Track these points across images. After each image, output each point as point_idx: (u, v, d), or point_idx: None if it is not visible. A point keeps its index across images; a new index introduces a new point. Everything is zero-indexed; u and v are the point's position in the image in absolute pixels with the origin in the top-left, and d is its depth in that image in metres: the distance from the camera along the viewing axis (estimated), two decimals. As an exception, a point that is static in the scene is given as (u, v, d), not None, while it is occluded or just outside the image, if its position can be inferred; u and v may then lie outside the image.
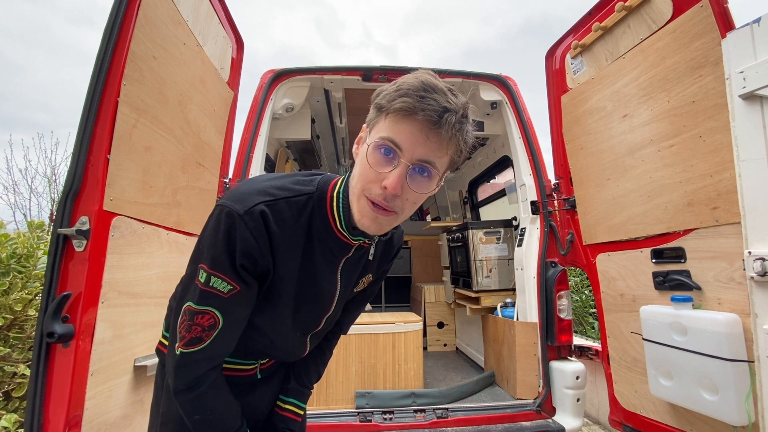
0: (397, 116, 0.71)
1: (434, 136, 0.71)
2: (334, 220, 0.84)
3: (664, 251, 1.73)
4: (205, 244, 0.78)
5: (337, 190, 0.85)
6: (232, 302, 0.79)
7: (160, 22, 1.48)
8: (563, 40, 2.27)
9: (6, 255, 2.03)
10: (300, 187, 0.84)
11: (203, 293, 0.77)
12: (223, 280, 0.76)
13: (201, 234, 0.81)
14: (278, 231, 0.78)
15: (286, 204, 0.80)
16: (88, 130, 1.23)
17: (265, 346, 0.97)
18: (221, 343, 0.81)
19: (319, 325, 1.00)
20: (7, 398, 1.96)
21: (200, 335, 0.78)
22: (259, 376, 1.03)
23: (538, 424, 2.05)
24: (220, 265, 0.76)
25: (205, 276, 0.77)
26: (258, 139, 2.32)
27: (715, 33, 1.46)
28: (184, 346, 0.78)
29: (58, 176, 7.55)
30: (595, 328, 4.70)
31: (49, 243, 1.21)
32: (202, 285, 0.77)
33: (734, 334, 1.40)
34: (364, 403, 2.17)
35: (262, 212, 0.76)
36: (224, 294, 0.77)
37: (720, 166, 1.48)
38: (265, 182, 0.83)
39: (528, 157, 2.46)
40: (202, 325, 0.78)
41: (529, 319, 2.30)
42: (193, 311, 0.78)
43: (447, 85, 0.73)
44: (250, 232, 0.75)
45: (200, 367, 0.81)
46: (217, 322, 0.79)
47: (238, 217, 0.74)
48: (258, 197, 0.77)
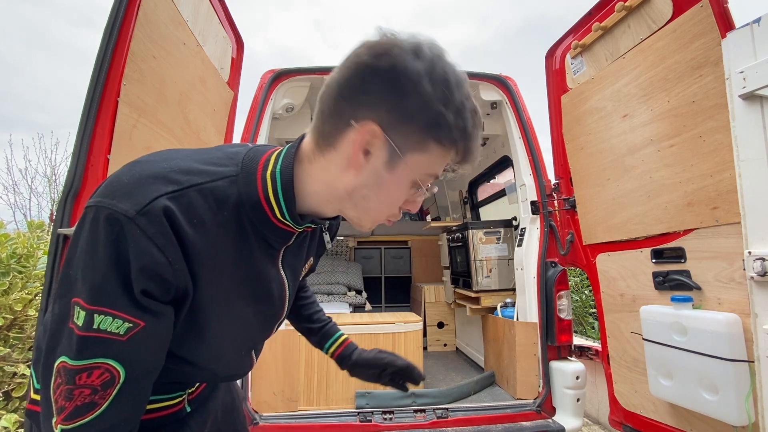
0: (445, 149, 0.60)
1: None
2: (270, 208, 0.63)
3: (664, 251, 1.73)
4: (77, 267, 0.52)
5: (271, 169, 0.63)
6: (135, 345, 0.53)
7: (160, 22, 1.48)
8: (563, 40, 2.27)
9: (6, 255, 2.03)
10: (215, 167, 0.60)
11: (84, 341, 0.51)
12: (115, 318, 0.51)
13: (69, 252, 0.54)
14: (193, 233, 0.56)
15: (198, 193, 0.57)
16: (88, 130, 1.23)
17: (198, 374, 0.74)
18: (128, 402, 0.55)
19: (272, 333, 0.82)
20: (7, 398, 1.96)
21: (91, 399, 0.52)
22: (189, 409, 0.78)
23: (538, 424, 2.05)
24: (105, 296, 0.51)
25: (84, 316, 0.51)
26: (258, 139, 2.32)
27: (715, 33, 1.46)
28: (64, 421, 0.52)
29: (58, 176, 7.55)
30: (595, 328, 4.70)
31: (49, 243, 1.21)
32: (81, 330, 0.51)
33: (734, 334, 1.40)
34: (364, 403, 2.17)
35: (166, 209, 0.53)
36: (120, 336, 0.52)
37: (720, 166, 1.48)
38: (161, 165, 0.57)
39: (528, 157, 2.46)
40: (91, 385, 0.52)
41: (529, 319, 2.30)
42: (72, 370, 0.51)
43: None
44: (151, 239, 0.51)
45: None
46: (116, 376, 0.53)
47: (127, 221, 0.51)
48: (155, 187, 0.54)
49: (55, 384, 0.53)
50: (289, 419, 1.98)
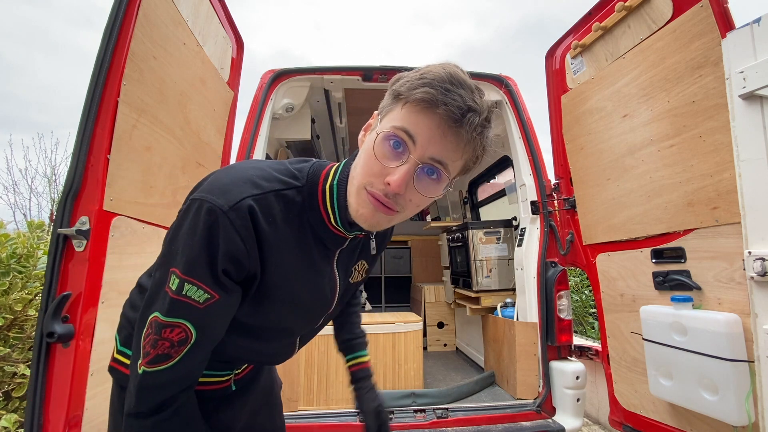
0: (416, 106, 0.63)
1: (452, 135, 0.64)
2: (327, 215, 0.75)
3: (664, 251, 1.73)
4: (179, 244, 0.66)
5: (330, 182, 0.76)
6: (208, 313, 0.67)
7: (160, 22, 1.48)
8: (563, 40, 2.27)
9: (6, 255, 2.03)
10: (289, 178, 0.73)
11: (174, 303, 0.65)
12: (199, 288, 0.65)
13: (172, 232, 0.68)
14: (268, 229, 0.68)
15: (275, 198, 0.70)
16: (88, 130, 1.23)
17: (248, 351, 0.86)
18: (193, 361, 0.69)
19: (317, 324, 0.94)
20: (7, 398, 1.96)
21: (168, 352, 0.66)
22: (234, 388, 0.91)
23: (538, 424, 2.05)
24: (196, 270, 0.65)
25: (178, 283, 0.65)
26: (258, 139, 2.32)
27: (715, 33, 1.46)
28: (147, 364, 0.66)
29: (58, 176, 7.55)
30: (595, 328, 4.70)
31: (49, 243, 1.21)
32: (173, 293, 0.65)
33: (734, 334, 1.40)
34: (364, 403, 2.17)
35: (251, 208, 0.66)
36: (200, 304, 0.66)
37: (720, 166, 1.48)
38: (250, 171, 0.71)
39: (528, 157, 2.46)
40: (170, 339, 0.66)
41: (529, 319, 2.30)
42: (161, 324, 0.66)
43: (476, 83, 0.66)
44: (237, 231, 0.64)
45: (167, 390, 0.68)
46: (189, 336, 0.67)
47: (222, 213, 0.63)
48: (245, 190, 0.66)
49: (145, 333, 0.67)
50: (289, 419, 1.96)
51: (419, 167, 0.65)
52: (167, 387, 0.68)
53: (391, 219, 0.71)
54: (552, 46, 2.33)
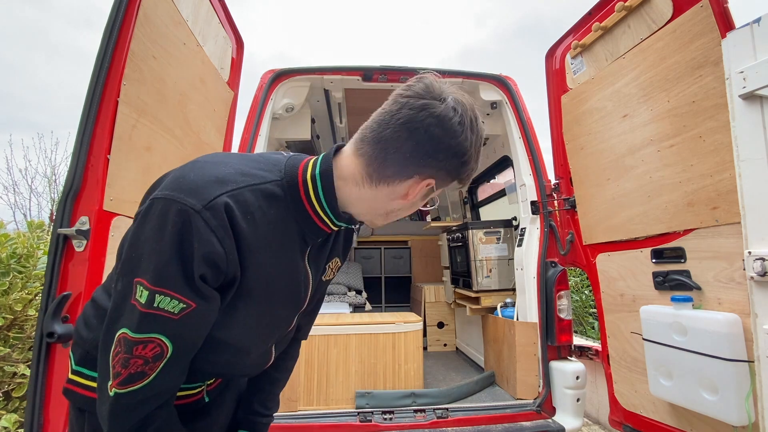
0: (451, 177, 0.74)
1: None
2: (312, 206, 0.72)
3: (664, 251, 1.73)
4: (142, 250, 0.60)
5: (310, 172, 0.72)
6: (184, 324, 0.62)
7: (160, 22, 1.48)
8: (563, 40, 2.27)
9: (6, 255, 2.03)
10: (264, 172, 0.69)
11: (144, 317, 0.59)
12: (172, 298, 0.59)
13: (132, 237, 0.62)
14: (247, 228, 0.64)
15: (251, 193, 0.65)
16: (88, 130, 1.23)
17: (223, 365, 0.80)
18: (170, 376, 0.64)
19: (291, 325, 0.88)
20: (7, 398, 1.96)
21: (142, 369, 0.60)
22: (207, 399, 0.86)
23: (538, 424, 2.05)
24: (168, 279, 0.59)
25: (147, 295, 0.59)
26: (258, 139, 2.32)
27: (715, 33, 1.46)
28: (119, 386, 0.60)
29: (58, 176, 7.56)
30: (595, 328, 4.70)
31: (49, 243, 1.21)
32: (143, 307, 0.59)
33: (734, 334, 1.40)
34: (364, 403, 2.17)
35: (227, 206, 0.61)
36: (174, 315, 0.60)
37: (720, 166, 1.48)
38: (220, 167, 0.66)
39: (528, 157, 2.46)
40: (143, 356, 0.60)
41: (529, 319, 2.30)
42: (131, 341, 0.60)
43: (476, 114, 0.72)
44: (213, 232, 0.59)
45: (144, 408, 0.63)
46: (165, 350, 0.61)
47: (194, 214, 0.58)
48: (218, 187, 0.62)
49: (114, 352, 0.61)
50: (289, 419, 1.97)
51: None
52: (143, 406, 0.63)
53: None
54: (552, 46, 2.33)
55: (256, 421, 0.96)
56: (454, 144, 0.68)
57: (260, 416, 0.97)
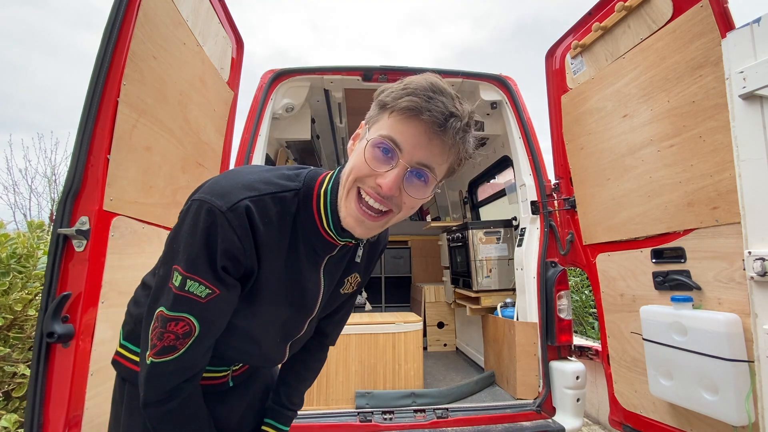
0: (402, 115, 0.68)
1: (437, 140, 0.68)
2: (320, 219, 0.79)
3: (664, 251, 1.73)
4: (180, 243, 0.70)
5: (324, 187, 0.79)
6: (210, 308, 0.72)
7: (160, 22, 1.48)
8: (563, 40, 2.27)
9: (6, 255, 2.03)
10: (285, 182, 0.78)
11: (177, 298, 0.70)
12: (200, 284, 0.69)
13: (174, 231, 0.73)
14: (263, 229, 0.72)
15: (271, 200, 0.74)
16: (88, 130, 1.23)
17: (241, 350, 0.90)
18: (197, 353, 0.74)
19: (302, 329, 0.94)
20: (7, 398, 1.96)
21: (173, 344, 0.71)
22: (231, 384, 0.95)
23: (538, 424, 2.05)
24: (197, 267, 0.69)
25: (180, 279, 0.69)
26: (258, 139, 2.32)
27: (715, 33, 1.46)
28: (155, 356, 0.71)
29: (58, 176, 7.56)
30: (595, 328, 4.70)
31: (49, 243, 1.21)
32: (177, 289, 0.70)
33: (734, 334, 1.40)
34: (364, 403, 2.17)
35: (248, 209, 0.70)
36: (201, 299, 0.70)
37: (720, 166, 1.48)
38: (248, 175, 0.75)
39: (528, 157, 2.46)
40: (175, 332, 0.71)
41: (529, 319, 2.30)
42: (166, 318, 0.71)
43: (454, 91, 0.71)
44: (234, 230, 0.69)
45: (173, 379, 0.74)
46: (193, 329, 0.72)
47: (220, 214, 0.68)
48: (242, 192, 0.71)
49: (152, 326, 0.73)
50: (289, 419, 1.97)
51: (408, 171, 0.70)
52: (173, 376, 0.74)
53: (384, 223, 0.76)
54: (552, 46, 2.33)
55: (281, 412, 1.04)
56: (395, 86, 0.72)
57: (285, 408, 1.05)
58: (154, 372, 0.72)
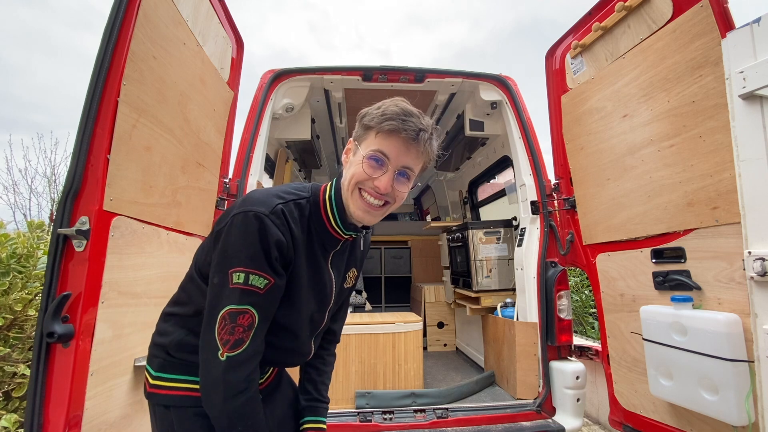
0: (386, 134, 0.91)
1: (413, 148, 0.92)
2: (328, 218, 0.99)
3: (664, 251, 1.73)
4: (234, 249, 0.85)
5: (328, 193, 1.00)
6: (266, 297, 0.86)
7: (160, 22, 1.48)
8: (563, 40, 2.27)
9: (6, 255, 2.03)
10: (299, 192, 0.98)
11: (243, 292, 0.84)
12: (260, 276, 0.85)
13: (222, 246, 0.87)
14: (294, 228, 0.91)
15: (294, 205, 0.93)
16: (88, 130, 1.23)
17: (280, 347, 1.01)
18: (258, 340, 0.88)
19: (324, 320, 1.09)
20: (7, 398, 1.96)
21: (242, 336, 0.84)
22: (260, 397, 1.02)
23: (538, 424, 2.05)
24: (257, 262, 0.84)
25: (244, 276, 0.84)
26: (258, 139, 2.32)
27: (715, 33, 1.46)
28: (229, 350, 0.84)
29: (58, 176, 7.56)
30: (595, 328, 4.70)
31: (49, 243, 1.21)
32: (242, 285, 0.83)
33: (734, 334, 1.40)
34: (364, 403, 2.17)
35: (283, 210, 0.89)
36: (261, 290, 0.85)
37: (720, 166, 1.48)
38: (272, 189, 0.96)
39: (528, 157, 2.46)
40: (243, 325, 0.84)
41: (529, 319, 2.30)
42: (234, 312, 0.84)
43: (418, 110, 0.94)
44: (278, 228, 0.87)
45: (246, 368, 0.86)
46: (254, 320, 0.86)
47: (265, 216, 0.85)
48: (275, 199, 0.90)
49: (220, 327, 0.84)
50: (289, 419, 1.97)
51: (396, 173, 0.93)
52: (246, 365, 0.86)
53: (384, 212, 0.97)
54: (552, 46, 2.33)
55: (317, 406, 1.19)
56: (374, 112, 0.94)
57: (319, 402, 1.20)
58: (231, 365, 0.84)
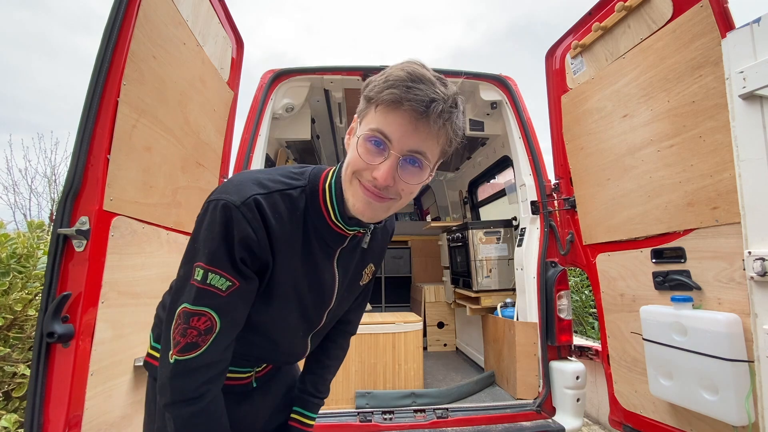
0: (385, 108, 0.70)
1: (423, 126, 0.70)
2: (327, 212, 0.82)
3: (664, 251, 1.73)
4: (200, 241, 0.74)
5: (328, 181, 0.83)
6: (230, 301, 0.74)
7: (160, 22, 1.48)
8: (563, 40, 2.27)
9: (6, 255, 2.03)
10: (291, 180, 0.82)
11: (200, 292, 0.73)
12: (221, 277, 0.73)
13: (194, 233, 0.77)
14: (275, 224, 0.76)
15: (280, 197, 0.78)
16: (88, 130, 1.23)
17: (264, 348, 0.92)
18: (218, 348, 0.76)
19: (321, 322, 0.96)
20: (7, 398, 1.96)
21: (196, 340, 0.73)
22: (255, 385, 0.98)
23: (538, 424, 2.05)
24: (218, 260, 0.72)
25: (202, 273, 0.73)
26: (258, 139, 2.32)
27: (715, 33, 1.46)
28: (179, 353, 0.73)
29: (58, 176, 7.56)
30: (595, 328, 4.70)
31: (49, 243, 1.21)
32: (199, 283, 0.73)
33: (734, 334, 1.40)
34: (364, 403, 2.17)
35: (257, 202, 0.74)
36: (222, 292, 0.73)
37: (720, 166, 1.48)
38: (257, 174, 0.80)
39: (528, 157, 2.46)
40: (198, 328, 0.73)
41: (529, 319, 2.30)
42: (189, 313, 0.73)
43: (436, 74, 0.72)
44: (248, 222, 0.72)
45: (198, 377, 0.75)
46: (214, 324, 0.74)
47: (234, 208, 0.72)
48: (253, 188, 0.75)
49: (175, 325, 0.74)
50: (289, 419, 1.97)
51: (401, 159, 0.72)
52: (197, 374, 0.75)
53: (388, 207, 0.78)
54: (552, 45, 2.33)
55: (308, 400, 1.07)
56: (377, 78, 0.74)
57: (312, 396, 1.08)
58: (179, 370, 0.73)
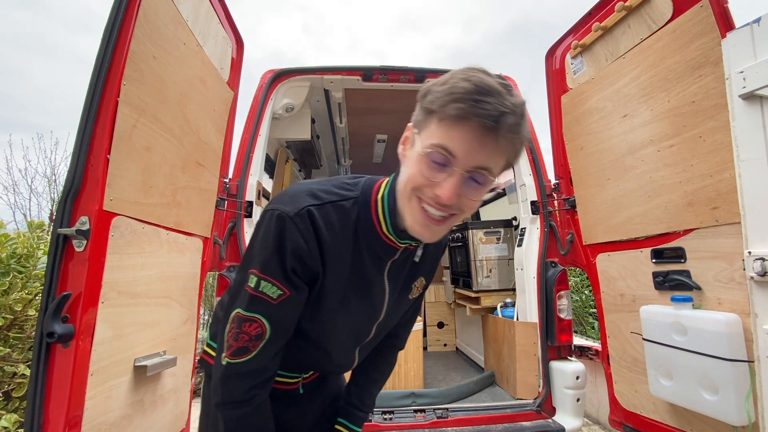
0: (450, 122, 0.65)
1: (490, 141, 0.64)
2: (379, 224, 0.81)
3: (664, 251, 1.73)
4: (255, 249, 0.78)
5: (381, 193, 0.82)
6: (280, 309, 0.77)
7: (160, 22, 1.47)
8: (563, 40, 2.27)
9: (6, 255, 2.03)
10: (344, 191, 0.82)
11: (252, 298, 0.76)
12: (273, 285, 0.75)
13: (251, 239, 0.81)
14: (327, 234, 0.77)
15: (333, 208, 0.78)
16: (88, 129, 1.23)
17: (312, 356, 0.94)
18: (267, 355, 0.79)
19: (370, 334, 0.96)
20: (7, 398, 1.96)
21: (247, 345, 0.77)
22: (302, 391, 1.00)
23: (538, 424, 2.05)
24: (270, 268, 0.75)
25: (256, 280, 0.76)
26: (258, 139, 2.32)
27: (715, 33, 1.46)
28: (230, 356, 0.77)
29: (58, 176, 7.55)
30: (595, 328, 4.70)
31: (49, 243, 1.21)
32: (252, 290, 0.76)
33: (734, 334, 1.40)
34: (364, 403, 2.16)
35: (310, 213, 0.75)
36: (273, 300, 0.76)
37: (720, 166, 1.48)
38: (312, 185, 0.81)
39: (528, 157, 2.46)
40: (249, 333, 0.76)
41: (529, 319, 2.30)
42: (242, 318, 0.77)
43: (502, 82, 0.65)
44: (300, 233, 0.74)
45: (247, 381, 0.79)
46: (264, 331, 0.77)
47: (288, 218, 0.74)
48: (307, 199, 0.77)
49: (229, 328, 0.79)
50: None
51: (466, 177, 0.68)
52: (246, 378, 0.79)
53: (447, 227, 0.75)
54: (552, 45, 2.33)
55: (353, 412, 1.08)
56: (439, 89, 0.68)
57: (356, 409, 1.08)
58: (230, 372, 0.77)
